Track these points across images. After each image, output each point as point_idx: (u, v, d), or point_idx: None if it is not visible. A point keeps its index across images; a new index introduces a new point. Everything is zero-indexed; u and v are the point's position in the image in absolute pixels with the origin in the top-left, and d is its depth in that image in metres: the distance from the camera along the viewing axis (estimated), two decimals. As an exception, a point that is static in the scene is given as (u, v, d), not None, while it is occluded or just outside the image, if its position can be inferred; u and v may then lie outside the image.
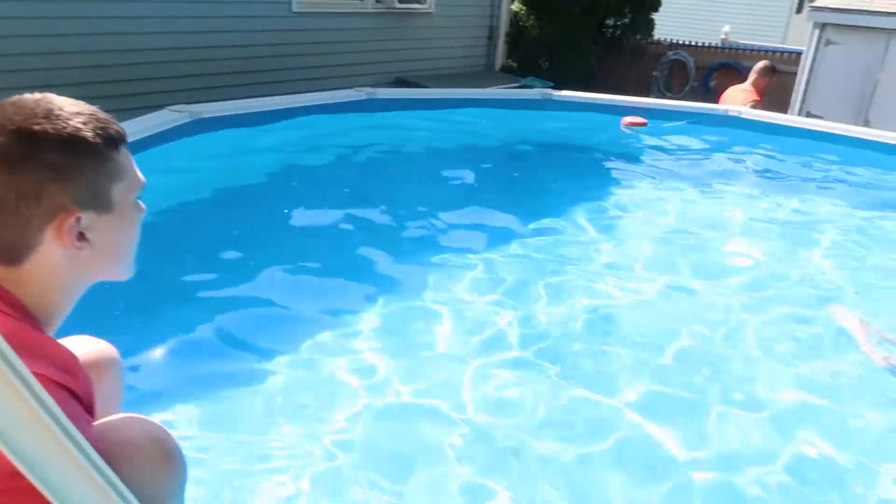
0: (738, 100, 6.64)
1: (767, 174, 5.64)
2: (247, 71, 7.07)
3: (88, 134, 1.02)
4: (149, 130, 4.66)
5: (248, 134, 5.35)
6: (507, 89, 8.83)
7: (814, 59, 8.80)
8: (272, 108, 5.72)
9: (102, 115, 1.07)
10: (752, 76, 6.72)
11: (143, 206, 1.18)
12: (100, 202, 1.05)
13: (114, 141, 1.07)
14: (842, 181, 5.41)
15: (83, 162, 1.02)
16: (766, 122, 6.45)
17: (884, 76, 8.34)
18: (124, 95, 5.93)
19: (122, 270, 1.17)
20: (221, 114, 5.36)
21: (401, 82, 8.62)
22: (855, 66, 8.57)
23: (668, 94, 11.25)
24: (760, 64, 6.73)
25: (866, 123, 8.06)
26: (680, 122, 6.45)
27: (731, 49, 11.87)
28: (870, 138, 6.11)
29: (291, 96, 6.14)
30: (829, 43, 8.73)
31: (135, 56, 6.25)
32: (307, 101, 6.08)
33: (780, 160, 5.94)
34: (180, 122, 5.00)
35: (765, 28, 16.13)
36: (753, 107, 6.50)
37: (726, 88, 7.16)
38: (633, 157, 5.99)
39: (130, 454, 1.05)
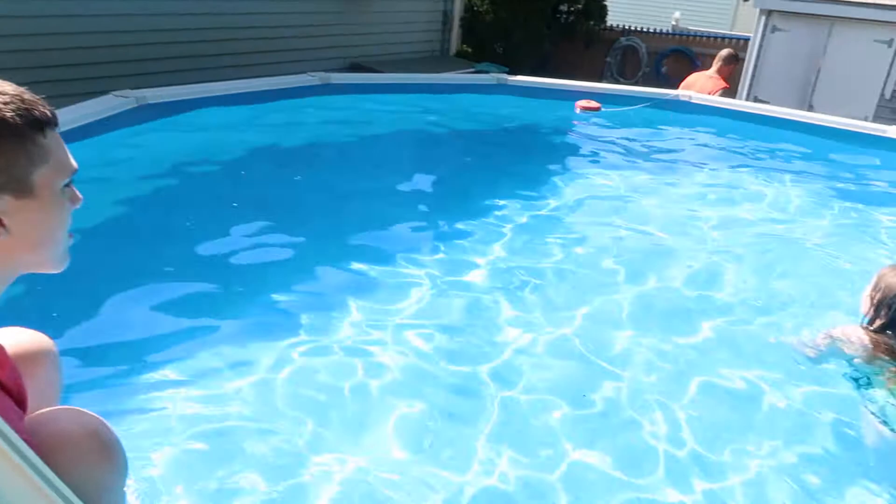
0: (707, 87, 6.80)
1: (716, 157, 5.77)
2: (195, 55, 6.87)
3: (8, 114, 0.97)
4: (92, 116, 4.52)
5: (197, 120, 5.21)
6: (463, 74, 8.80)
7: (760, 46, 9.01)
8: (222, 94, 5.58)
9: (29, 96, 1.03)
10: (716, 64, 6.92)
11: (78, 194, 1.12)
12: (18, 186, 1.00)
13: (38, 123, 1.02)
14: (788, 165, 5.57)
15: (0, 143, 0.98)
16: (716, 107, 6.59)
17: (826, 62, 8.60)
18: (66, 80, 5.70)
19: (49, 261, 1.11)
20: (168, 99, 5.21)
21: (355, 67, 8.52)
22: (799, 52, 8.80)
23: (621, 80, 11.39)
24: (724, 52, 6.94)
25: (810, 108, 8.30)
26: (633, 107, 6.54)
27: (681, 35, 12.07)
28: (814, 123, 6.30)
29: (242, 81, 6.00)
30: (774, 29, 8.94)
31: (76, 39, 6.00)
32: (259, 86, 5.96)
33: (729, 144, 6.08)
34: (125, 108, 4.86)
35: (713, 15, 16.42)
36: (723, 93, 6.70)
37: (679, 74, 7.29)
38: (587, 142, 6.05)
39: (65, 448, 1.01)
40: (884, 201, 4.70)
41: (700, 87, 6.85)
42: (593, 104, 6.56)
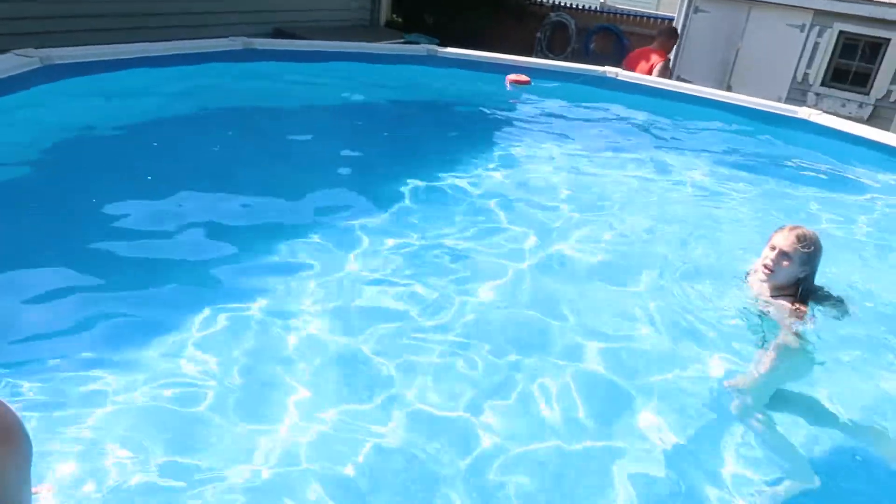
0: (650, 60, 6.94)
1: (638, 133, 5.91)
2: (106, 14, 6.46)
3: None
4: (-11, 76, 4.19)
5: (107, 84, 4.89)
6: (392, 45, 8.65)
7: (684, 26, 9.25)
8: (135, 56, 5.27)
9: None
10: (659, 39, 7.14)
11: None
12: None
13: None
14: (706, 141, 5.77)
15: None
16: (640, 85, 6.74)
17: (744, 45, 8.92)
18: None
19: None
20: (77, 60, 4.88)
21: (279, 34, 8.22)
22: (719, 33, 9.09)
23: (551, 55, 11.48)
24: (666, 27, 7.14)
25: (728, 89, 8.62)
26: (562, 82, 6.61)
27: (609, 13, 12.25)
28: (732, 102, 6.52)
29: (157, 44, 5.66)
30: (697, 10, 9.19)
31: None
32: (176, 49, 5.64)
33: (651, 120, 6.23)
34: (29, 69, 4.51)
35: (641, -6, 16.74)
36: (665, 66, 6.87)
37: (607, 51, 7.38)
38: (515, 116, 6.08)
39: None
40: (792, 176, 4.96)
41: (644, 61, 7.00)
42: (523, 78, 6.60)
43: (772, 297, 2.47)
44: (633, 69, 6.94)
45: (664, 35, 7.16)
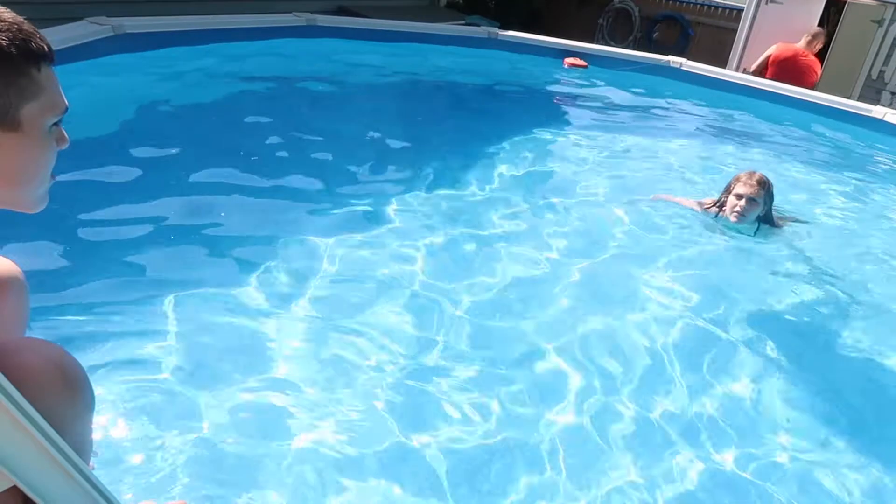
0: (809, 65, 6.86)
1: (697, 125, 5.76)
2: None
3: (3, 43, 0.92)
4: (63, 43, 4.29)
5: (175, 54, 5.01)
6: (453, 26, 8.59)
7: (753, 17, 8.91)
8: (204, 28, 5.37)
9: (28, 27, 0.98)
10: (807, 38, 7.05)
11: (65, 135, 1.09)
12: (4, 119, 0.96)
13: (33, 56, 0.97)
14: (769, 138, 5.57)
15: None
16: (704, 76, 6.56)
17: (817, 39, 8.55)
18: (37, 4, 5.42)
19: (26, 199, 1.06)
20: (148, 30, 5.01)
21: (342, 11, 8.25)
22: (791, 27, 8.73)
23: (612, 43, 11.22)
24: (816, 29, 7.08)
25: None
26: (622, 70, 6.49)
27: (674, 2, 11.88)
28: (800, 98, 6.27)
29: (225, 17, 5.77)
30: (769, 2, 8.84)
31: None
32: (242, 22, 5.75)
33: (712, 113, 6.06)
34: (101, 37, 4.65)
35: (709, -17, 16.19)
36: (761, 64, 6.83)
37: (670, 41, 7.05)
38: (571, 101, 6.00)
39: (28, 380, 0.96)
40: (865, 174, 4.76)
41: (802, 65, 6.81)
42: (580, 62, 6.55)
43: None
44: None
45: (815, 37, 6.95)
